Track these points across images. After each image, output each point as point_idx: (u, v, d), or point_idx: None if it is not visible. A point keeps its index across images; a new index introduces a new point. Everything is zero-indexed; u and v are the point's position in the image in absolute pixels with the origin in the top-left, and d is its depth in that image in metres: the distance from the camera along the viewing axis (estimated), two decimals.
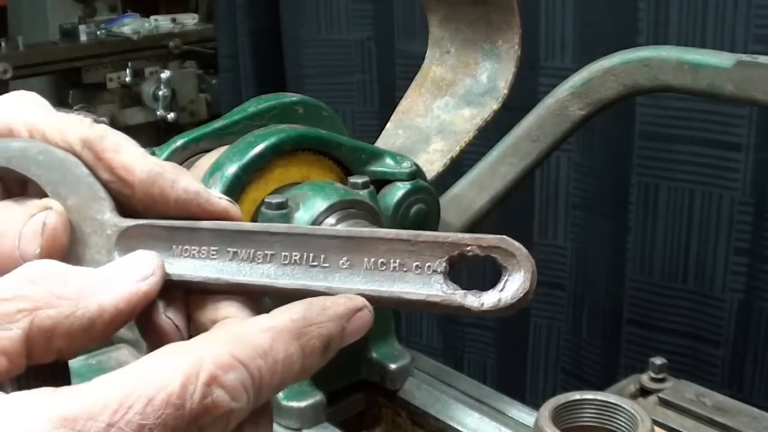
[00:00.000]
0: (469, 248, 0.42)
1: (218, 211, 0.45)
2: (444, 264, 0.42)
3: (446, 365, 0.95)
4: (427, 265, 0.42)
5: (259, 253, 0.43)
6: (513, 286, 0.41)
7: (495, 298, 0.41)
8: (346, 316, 0.41)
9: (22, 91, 0.47)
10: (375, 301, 0.42)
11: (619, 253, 1.53)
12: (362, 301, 0.42)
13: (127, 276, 0.41)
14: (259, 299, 0.44)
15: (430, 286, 0.42)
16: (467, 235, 0.42)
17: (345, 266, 0.43)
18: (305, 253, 0.43)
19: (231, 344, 0.37)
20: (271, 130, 0.81)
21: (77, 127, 0.44)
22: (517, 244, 0.42)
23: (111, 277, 0.40)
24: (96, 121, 0.45)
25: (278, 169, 0.79)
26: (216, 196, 0.45)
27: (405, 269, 0.42)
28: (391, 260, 0.42)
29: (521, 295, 0.41)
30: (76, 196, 0.44)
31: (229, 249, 0.44)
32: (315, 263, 0.43)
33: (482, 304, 0.41)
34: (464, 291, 0.41)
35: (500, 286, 0.41)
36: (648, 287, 1.51)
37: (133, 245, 0.44)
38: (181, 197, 0.44)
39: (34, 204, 0.43)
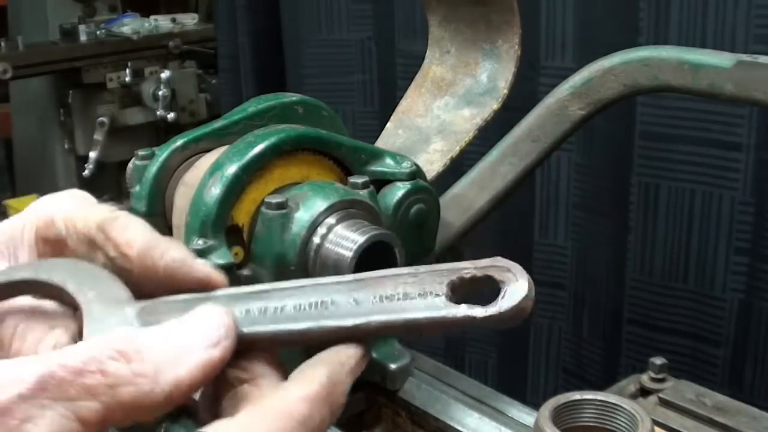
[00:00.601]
0: (466, 270, 0.44)
1: (201, 278, 0.48)
2: (445, 288, 0.44)
3: (447, 365, 0.95)
4: (429, 291, 0.44)
5: (270, 307, 0.46)
6: (513, 292, 0.43)
7: (496, 306, 0.43)
8: (359, 365, 0.46)
9: (72, 190, 0.55)
10: (384, 329, 0.45)
11: (620, 252, 1.53)
12: (363, 347, 0.46)
13: (200, 341, 0.43)
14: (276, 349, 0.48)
15: (433, 308, 0.44)
16: (464, 263, 0.45)
17: (352, 305, 0.45)
18: (314, 301, 0.46)
19: (278, 420, 0.41)
20: (271, 130, 0.81)
21: (98, 213, 0.51)
22: (511, 262, 0.44)
23: (185, 345, 0.43)
24: (120, 208, 0.53)
25: (278, 169, 0.79)
26: (199, 264, 0.49)
27: (410, 297, 0.45)
28: (396, 293, 0.45)
29: (521, 298, 0.43)
30: (95, 290, 0.49)
31: (242, 308, 0.47)
32: (324, 307, 0.46)
33: (486, 311, 0.43)
34: (466, 305, 0.44)
35: (501, 295, 0.44)
36: (648, 287, 1.51)
37: (152, 321, 0.47)
38: (169, 266, 0.48)
39: (62, 322, 0.50)
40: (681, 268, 1.47)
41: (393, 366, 0.88)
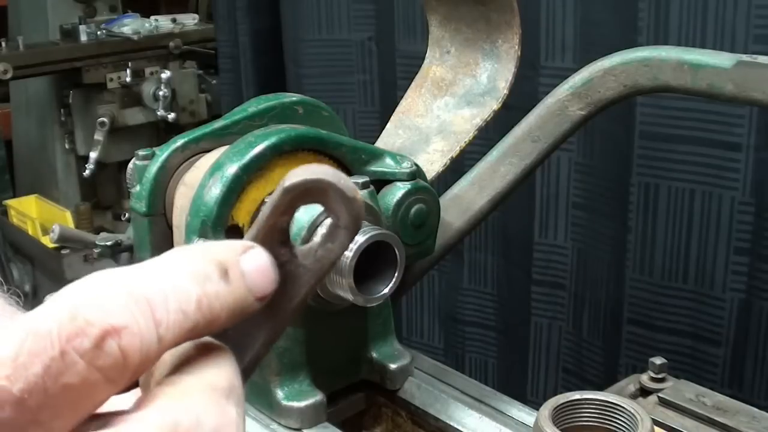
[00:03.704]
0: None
1: None
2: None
3: (447, 364, 0.95)
4: None
5: None
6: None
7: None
8: None
9: None
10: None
11: (620, 252, 1.53)
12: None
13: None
14: None
15: None
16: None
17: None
18: None
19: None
20: (271, 130, 0.81)
21: None
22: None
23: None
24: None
25: (278, 169, 0.79)
26: None
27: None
28: None
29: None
30: None
31: None
32: None
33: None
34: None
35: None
36: (648, 287, 1.51)
37: None
38: None
39: None
40: (681, 268, 1.47)
41: (393, 366, 0.88)
